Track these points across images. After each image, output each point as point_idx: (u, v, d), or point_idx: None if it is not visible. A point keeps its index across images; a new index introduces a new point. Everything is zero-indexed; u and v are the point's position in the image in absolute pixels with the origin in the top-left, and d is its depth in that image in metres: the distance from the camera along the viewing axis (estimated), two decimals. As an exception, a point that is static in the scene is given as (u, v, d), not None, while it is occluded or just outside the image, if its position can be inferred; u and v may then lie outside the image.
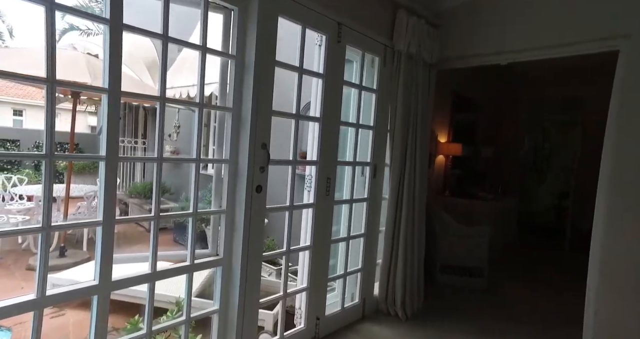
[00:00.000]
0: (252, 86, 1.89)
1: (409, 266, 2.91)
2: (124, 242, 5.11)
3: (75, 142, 7.74)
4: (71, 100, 4.43)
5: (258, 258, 2.05)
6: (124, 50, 1.44)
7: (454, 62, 3.02)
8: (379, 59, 2.74)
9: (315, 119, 2.34)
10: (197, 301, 2.72)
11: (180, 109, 6.00)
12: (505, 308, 3.26)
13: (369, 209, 2.80)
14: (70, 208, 5.27)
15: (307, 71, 2.19)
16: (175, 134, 6.24)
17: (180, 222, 4.84)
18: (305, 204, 2.40)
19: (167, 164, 6.81)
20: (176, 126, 6.21)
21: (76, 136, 10.76)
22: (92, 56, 4.49)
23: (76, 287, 1.45)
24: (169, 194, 6.22)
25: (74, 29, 10.09)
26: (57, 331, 2.90)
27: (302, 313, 2.43)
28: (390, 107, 2.86)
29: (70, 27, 10.06)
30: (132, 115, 8.09)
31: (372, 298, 2.93)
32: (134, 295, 2.58)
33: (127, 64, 5.92)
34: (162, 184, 6.06)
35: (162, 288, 2.48)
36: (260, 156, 1.95)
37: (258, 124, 1.93)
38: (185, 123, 6.30)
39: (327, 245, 2.48)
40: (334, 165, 2.46)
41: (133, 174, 8.02)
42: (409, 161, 2.88)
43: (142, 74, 5.34)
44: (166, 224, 5.75)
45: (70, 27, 10.16)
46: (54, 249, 4.59)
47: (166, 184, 6.25)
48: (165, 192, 6.13)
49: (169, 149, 6.50)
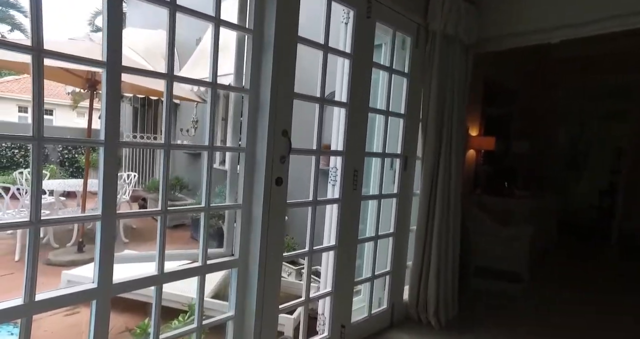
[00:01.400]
0: (272, 64, 1.66)
1: (443, 269, 2.63)
2: (140, 238, 5.03)
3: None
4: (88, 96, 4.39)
5: (278, 259, 1.83)
6: (142, 47, 1.27)
7: (495, 43, 2.70)
8: (411, 39, 2.46)
9: (341, 104, 2.10)
10: (213, 303, 2.55)
11: (198, 103, 5.86)
12: (549, 318, 2.93)
13: (398, 205, 2.54)
14: (90, 203, 5.25)
15: (332, 50, 1.95)
16: (193, 129, 6.12)
17: (198, 219, 4.70)
18: (329, 199, 2.17)
19: (185, 159, 6.72)
20: (194, 121, 6.09)
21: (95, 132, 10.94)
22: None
23: (72, 290, 1.26)
24: (187, 190, 6.11)
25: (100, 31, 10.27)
26: (71, 328, 2.81)
27: (326, 319, 2.20)
28: (423, 93, 2.58)
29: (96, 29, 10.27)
30: (151, 110, 8.07)
31: (402, 304, 2.67)
32: (151, 294, 2.42)
33: (145, 58, 5.86)
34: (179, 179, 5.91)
35: (177, 288, 2.31)
36: (281, 144, 1.73)
37: (278, 108, 1.71)
38: (204, 118, 6.17)
39: (353, 245, 2.24)
40: (361, 156, 2.22)
41: (152, 170, 8.00)
42: (444, 153, 2.60)
43: (158, 67, 5.28)
44: (184, 220, 5.64)
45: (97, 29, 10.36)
46: (72, 244, 4.55)
47: (184, 180, 6.15)
48: (183, 188, 6.03)
49: (186, 144, 6.41)
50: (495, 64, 4.45)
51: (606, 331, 2.75)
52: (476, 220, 3.51)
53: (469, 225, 3.46)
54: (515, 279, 3.30)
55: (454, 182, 2.66)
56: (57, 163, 9.30)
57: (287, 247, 3.84)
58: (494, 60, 4.24)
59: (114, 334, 2.69)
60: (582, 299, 3.32)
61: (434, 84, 2.52)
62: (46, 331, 2.78)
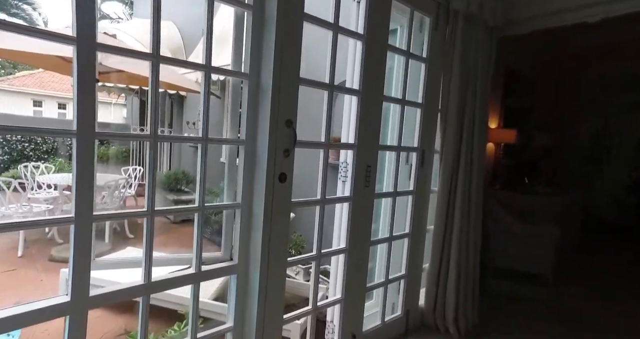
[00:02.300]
0: (274, 45, 1.46)
1: (464, 273, 2.42)
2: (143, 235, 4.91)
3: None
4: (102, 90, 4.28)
5: (281, 264, 1.64)
6: (148, 38, 1.10)
7: (524, 25, 2.43)
8: (430, 20, 2.22)
9: (353, 92, 1.88)
10: (215, 306, 2.38)
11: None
12: (579, 326, 2.70)
13: (415, 203, 2.33)
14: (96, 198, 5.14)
15: (343, 30, 1.73)
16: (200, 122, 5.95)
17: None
18: (339, 197, 1.96)
19: (192, 153, 6.56)
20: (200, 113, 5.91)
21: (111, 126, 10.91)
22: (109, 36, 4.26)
23: (42, 305, 1.09)
24: (194, 185, 5.97)
25: (105, 18, 10.21)
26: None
27: (336, 328, 2.01)
28: (443, 81, 2.35)
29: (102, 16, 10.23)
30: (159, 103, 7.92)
31: (417, 310, 2.47)
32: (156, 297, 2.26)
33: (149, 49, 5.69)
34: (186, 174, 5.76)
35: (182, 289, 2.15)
36: (285, 136, 1.53)
37: (282, 95, 1.50)
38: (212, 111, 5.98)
39: (366, 248, 2.04)
40: (375, 150, 2.00)
41: (161, 163, 7.89)
42: (465, 147, 2.37)
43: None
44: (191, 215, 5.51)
45: (102, 16, 10.31)
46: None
47: (191, 174, 6.01)
48: (189, 183, 5.89)
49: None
50: (515, 51, 4.16)
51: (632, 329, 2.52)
52: (496, 217, 3.27)
53: (487, 223, 3.22)
54: (539, 281, 3.07)
55: (475, 179, 2.43)
56: (66, 157, 9.28)
57: (294, 245, 3.66)
58: (515, 47, 3.95)
59: (112, 336, 2.56)
60: (613, 304, 3.07)
61: (455, 69, 2.29)
62: (46, 330, 2.67)
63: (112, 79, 5.14)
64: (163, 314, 2.41)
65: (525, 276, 3.10)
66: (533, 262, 3.07)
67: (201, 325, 1.95)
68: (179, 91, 5.99)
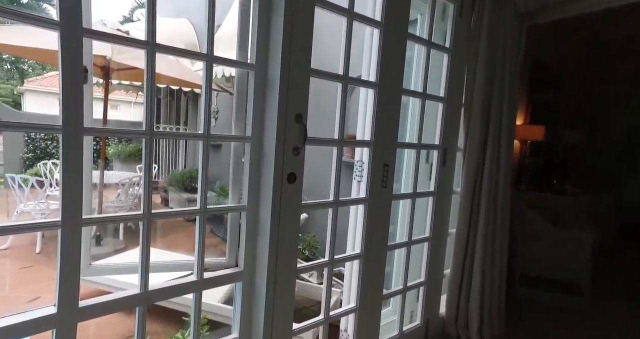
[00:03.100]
0: (283, 32, 1.33)
1: (489, 279, 2.24)
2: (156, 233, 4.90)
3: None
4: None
5: (291, 271, 1.52)
6: (164, 35, 0.98)
7: (556, 10, 2.22)
8: (453, 6, 2.05)
9: (370, 84, 1.73)
10: (226, 309, 2.29)
11: (219, 92, 5.63)
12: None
13: (435, 205, 2.16)
14: (111, 196, 5.18)
15: (359, 16, 1.59)
16: (214, 119, 5.90)
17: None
18: (354, 199, 1.82)
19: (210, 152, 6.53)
20: (214, 110, 5.86)
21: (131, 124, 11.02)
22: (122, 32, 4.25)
23: (25, 318, 1.00)
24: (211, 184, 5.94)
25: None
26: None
27: (350, 338, 1.88)
28: (467, 73, 2.17)
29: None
30: (174, 102, 7.95)
31: (438, 319, 2.31)
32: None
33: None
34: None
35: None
36: (294, 132, 1.40)
37: (291, 87, 1.37)
38: (225, 108, 5.94)
39: (382, 253, 1.89)
40: (393, 148, 1.85)
41: (176, 162, 7.91)
42: (491, 145, 2.19)
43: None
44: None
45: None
46: (92, 237, 4.47)
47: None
48: (204, 180, 5.85)
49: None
50: (543, 41, 3.90)
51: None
52: (523, 220, 3.06)
53: (513, 225, 3.01)
54: (573, 291, 2.84)
55: (502, 179, 2.25)
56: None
57: (308, 246, 3.54)
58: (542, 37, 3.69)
59: (120, 338, 2.51)
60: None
61: (480, 60, 2.11)
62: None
63: (127, 76, 5.14)
64: (172, 315, 2.34)
65: (556, 284, 2.88)
66: (565, 269, 2.84)
67: (207, 333, 1.85)
68: (194, 89, 5.95)
